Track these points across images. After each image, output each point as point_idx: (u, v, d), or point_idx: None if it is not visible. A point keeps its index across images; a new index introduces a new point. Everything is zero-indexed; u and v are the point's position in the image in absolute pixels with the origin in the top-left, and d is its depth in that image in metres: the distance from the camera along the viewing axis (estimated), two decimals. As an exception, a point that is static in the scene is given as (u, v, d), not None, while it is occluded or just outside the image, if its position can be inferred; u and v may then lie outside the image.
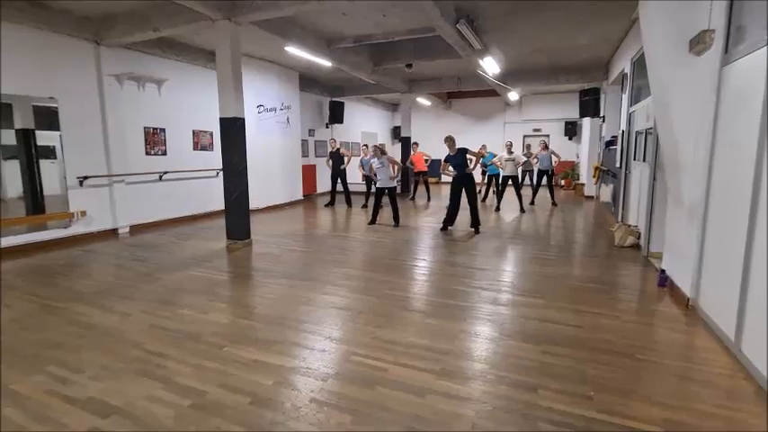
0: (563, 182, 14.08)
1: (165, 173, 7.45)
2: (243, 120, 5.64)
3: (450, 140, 6.66)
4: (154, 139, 7.28)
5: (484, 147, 9.73)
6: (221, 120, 5.56)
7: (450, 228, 6.98)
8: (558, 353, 2.69)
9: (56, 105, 5.80)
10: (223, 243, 5.90)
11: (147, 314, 3.36)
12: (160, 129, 7.38)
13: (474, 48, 6.82)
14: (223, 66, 5.48)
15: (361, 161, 9.63)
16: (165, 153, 7.51)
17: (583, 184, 12.10)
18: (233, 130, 5.54)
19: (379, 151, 7.37)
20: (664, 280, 4.01)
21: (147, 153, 7.22)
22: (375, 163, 7.33)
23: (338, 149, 9.60)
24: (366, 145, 9.61)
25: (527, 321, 3.21)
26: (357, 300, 3.70)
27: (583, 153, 13.05)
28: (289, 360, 2.60)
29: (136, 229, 6.93)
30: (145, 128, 7.14)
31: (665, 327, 3.16)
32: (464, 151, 6.66)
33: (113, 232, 6.63)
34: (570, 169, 14.05)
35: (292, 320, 3.24)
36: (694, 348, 2.83)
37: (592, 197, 11.34)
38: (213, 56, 6.00)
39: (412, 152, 10.52)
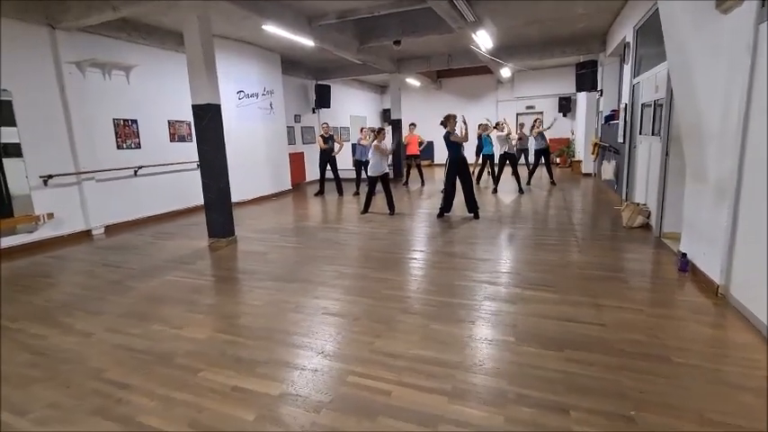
0: (558, 160, 13.72)
1: (141, 167, 6.93)
2: (218, 106, 5.14)
3: (450, 119, 6.26)
4: (125, 132, 6.73)
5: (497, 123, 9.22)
6: (194, 107, 5.06)
7: (447, 214, 6.61)
8: (585, 360, 2.35)
9: (9, 98, 5.25)
10: (206, 241, 5.47)
11: (113, 332, 2.95)
12: (131, 120, 6.83)
13: (467, 20, 6.32)
14: (192, 46, 4.97)
15: (354, 145, 9.15)
16: (138, 146, 6.97)
17: (579, 162, 11.76)
18: (207, 118, 5.05)
19: (382, 135, 6.89)
20: (685, 264, 3.68)
21: (119, 147, 6.68)
22: (381, 145, 6.82)
23: (331, 135, 9.11)
24: (363, 129, 9.10)
25: (542, 321, 2.86)
26: (352, 303, 3.33)
27: (578, 129, 12.67)
28: (275, 385, 2.22)
29: (112, 230, 6.45)
30: (114, 120, 6.58)
31: (697, 320, 2.83)
32: (447, 135, 6.31)
33: (87, 234, 6.15)
34: (565, 146, 13.68)
35: (279, 332, 2.86)
36: (735, 346, 2.50)
37: (590, 174, 11.02)
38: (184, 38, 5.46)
39: (408, 133, 10.03)
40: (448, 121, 6.23)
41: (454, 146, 6.26)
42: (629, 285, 3.50)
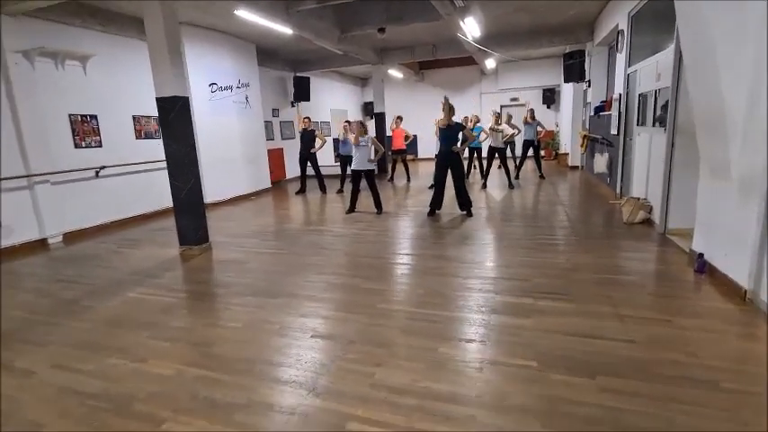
0: (543, 152, 13.53)
1: (103, 167, 6.31)
2: (186, 99, 4.62)
3: (451, 109, 5.94)
4: (83, 129, 6.09)
5: (475, 117, 8.89)
6: (158, 100, 4.53)
7: (437, 212, 6.26)
8: (623, 389, 2.01)
9: (-57, 91, 4.60)
10: (176, 249, 4.96)
11: (60, 369, 2.46)
12: (90, 116, 6.18)
13: (455, 5, 5.94)
14: (154, 33, 4.42)
15: (340, 141, 8.67)
16: (100, 144, 6.34)
17: (566, 154, 11.60)
18: (174, 113, 4.52)
19: (363, 129, 6.45)
20: (702, 265, 3.42)
21: (77, 146, 6.04)
22: (361, 142, 6.38)
23: (312, 129, 8.61)
24: (348, 121, 8.57)
25: (564, 339, 2.52)
26: (344, 322, 2.92)
27: (564, 121, 12.50)
28: (257, 440, 1.81)
29: (71, 238, 5.84)
30: (70, 115, 5.93)
31: (731, 332, 2.54)
32: (460, 127, 5.98)
33: (42, 243, 5.52)
34: (551, 139, 13.52)
35: (262, 363, 2.43)
36: (783, 363, 2.22)
37: (577, 167, 10.86)
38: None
39: (394, 126, 9.60)
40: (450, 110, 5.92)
41: (444, 138, 5.93)
42: (646, 290, 3.22)
